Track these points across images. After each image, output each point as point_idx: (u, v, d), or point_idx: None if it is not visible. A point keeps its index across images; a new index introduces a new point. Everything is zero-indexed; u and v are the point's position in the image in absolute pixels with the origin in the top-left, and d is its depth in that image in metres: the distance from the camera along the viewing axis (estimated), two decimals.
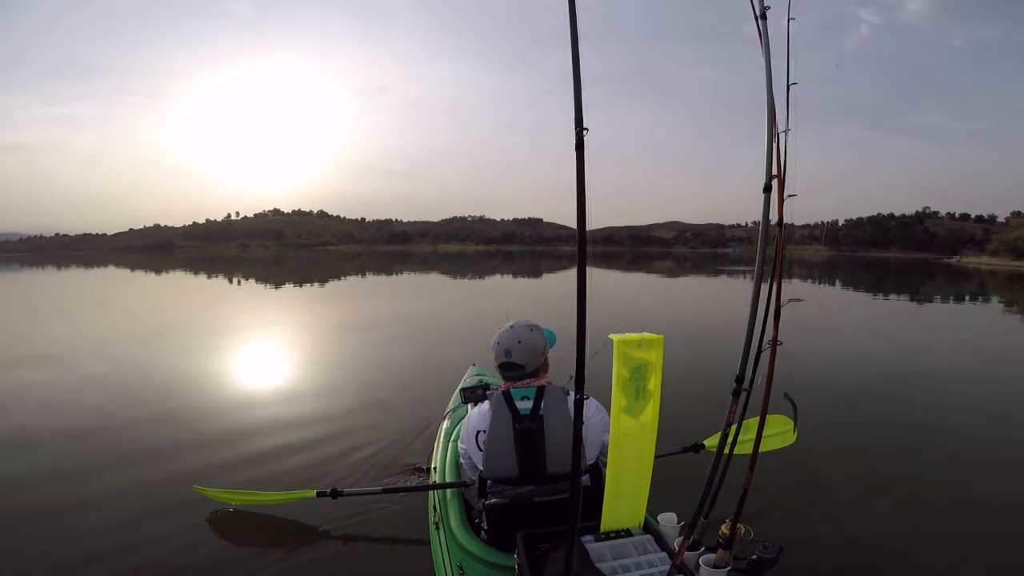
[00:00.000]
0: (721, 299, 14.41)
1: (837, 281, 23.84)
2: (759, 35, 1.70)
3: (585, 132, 1.20)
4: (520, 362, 1.83)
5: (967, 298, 17.18)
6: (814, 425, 3.52)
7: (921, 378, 5.91)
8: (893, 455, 3.73)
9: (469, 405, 2.29)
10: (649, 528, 1.65)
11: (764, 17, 1.71)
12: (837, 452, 3.68)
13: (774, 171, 1.70)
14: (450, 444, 2.59)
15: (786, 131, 1.73)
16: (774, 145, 1.70)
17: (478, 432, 1.83)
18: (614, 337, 1.46)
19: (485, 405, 1.86)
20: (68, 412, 4.51)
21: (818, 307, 12.60)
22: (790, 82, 1.74)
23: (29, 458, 3.61)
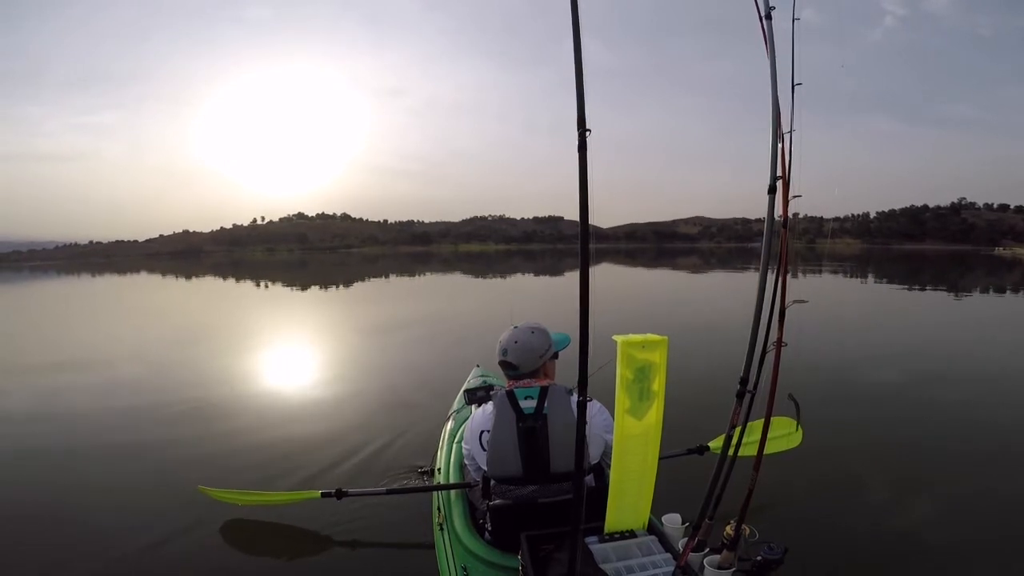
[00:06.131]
0: (737, 297, 14.18)
1: (870, 275, 23.11)
2: (764, 36, 1.69)
3: (588, 133, 1.23)
4: (514, 362, 1.88)
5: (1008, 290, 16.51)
6: (820, 426, 3.47)
7: (940, 377, 5.70)
8: (900, 456, 3.64)
9: (473, 406, 2.31)
10: (653, 529, 1.64)
11: (769, 17, 1.70)
12: (843, 453, 3.61)
13: (779, 172, 1.69)
14: (454, 445, 2.61)
15: (791, 131, 1.72)
16: (779, 146, 1.69)
17: (482, 432, 1.86)
18: (618, 338, 1.46)
19: (489, 405, 1.89)
20: (85, 414, 4.67)
21: (840, 304, 12.27)
22: (795, 82, 1.73)
23: (43, 457, 3.73)
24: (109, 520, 2.85)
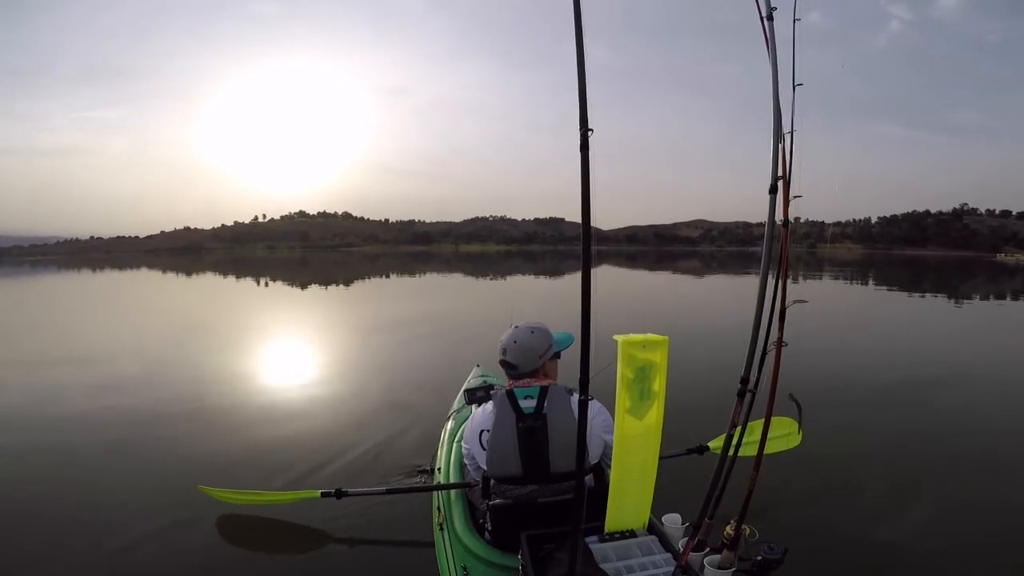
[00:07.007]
0: (736, 299, 14.17)
1: (870, 280, 23.09)
2: (765, 37, 1.70)
3: (590, 133, 1.23)
4: (513, 361, 1.88)
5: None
6: (820, 427, 3.49)
7: (940, 381, 5.69)
8: (900, 458, 3.65)
9: (473, 406, 2.32)
10: (653, 529, 1.64)
11: (771, 18, 1.70)
12: (843, 454, 3.61)
13: (780, 172, 1.70)
14: (454, 445, 2.60)
15: (792, 132, 1.73)
16: (780, 146, 1.70)
17: (482, 431, 1.85)
18: (618, 338, 1.46)
19: (489, 405, 1.89)
20: (84, 411, 4.65)
21: (841, 307, 12.26)
22: (796, 83, 1.73)
23: (42, 455, 3.71)
24: (108, 519, 2.83)
